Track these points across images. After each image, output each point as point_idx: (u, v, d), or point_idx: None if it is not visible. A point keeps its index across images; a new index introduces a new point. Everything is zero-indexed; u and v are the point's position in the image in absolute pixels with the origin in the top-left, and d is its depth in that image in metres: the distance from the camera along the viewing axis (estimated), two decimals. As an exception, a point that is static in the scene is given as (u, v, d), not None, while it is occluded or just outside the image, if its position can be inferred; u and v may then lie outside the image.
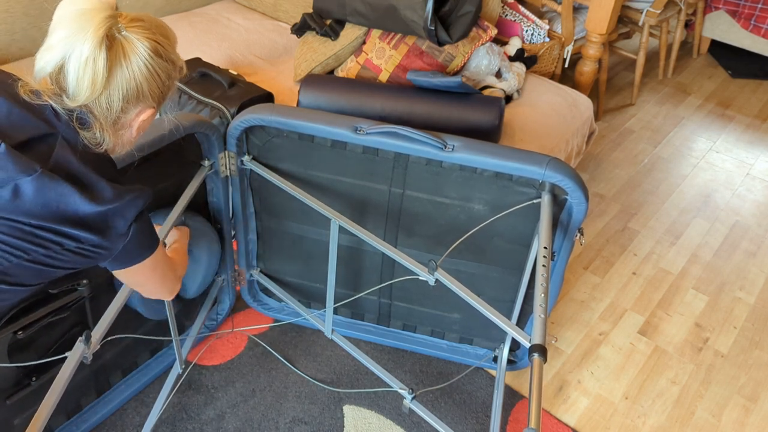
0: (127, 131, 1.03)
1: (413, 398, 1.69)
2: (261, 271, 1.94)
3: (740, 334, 2.10)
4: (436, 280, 1.44)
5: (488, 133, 2.01)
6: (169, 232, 1.49)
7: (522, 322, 1.79)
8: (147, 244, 1.09)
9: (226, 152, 1.64)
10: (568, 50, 2.80)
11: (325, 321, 1.80)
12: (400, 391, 1.70)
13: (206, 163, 1.63)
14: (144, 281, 1.16)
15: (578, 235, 1.55)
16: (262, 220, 1.82)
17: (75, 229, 0.94)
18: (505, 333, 1.83)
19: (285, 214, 1.78)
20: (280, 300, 2.00)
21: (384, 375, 1.73)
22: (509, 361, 1.87)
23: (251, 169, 1.70)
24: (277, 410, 1.76)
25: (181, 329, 1.84)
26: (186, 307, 1.83)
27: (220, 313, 1.94)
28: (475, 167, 1.53)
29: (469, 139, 1.52)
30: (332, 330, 1.79)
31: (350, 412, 1.77)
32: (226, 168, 1.67)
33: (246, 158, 1.66)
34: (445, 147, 1.49)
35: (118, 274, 1.11)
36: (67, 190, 0.92)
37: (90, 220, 0.95)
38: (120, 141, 1.05)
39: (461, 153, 1.49)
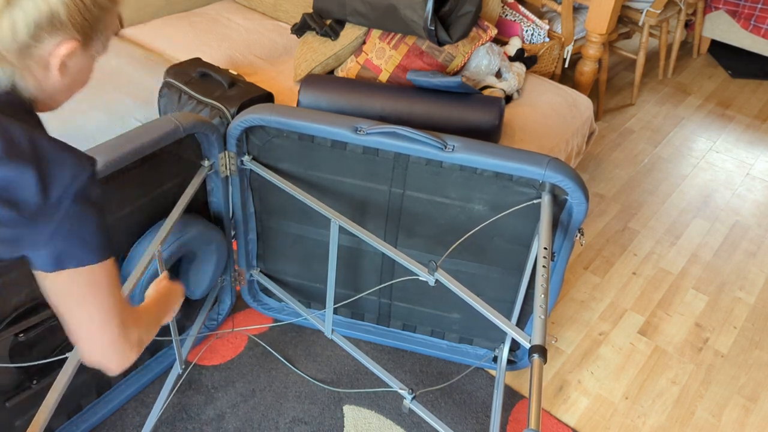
0: (50, 73, 0.82)
1: (413, 398, 1.69)
2: (261, 271, 1.94)
3: (740, 334, 2.10)
4: (436, 281, 1.44)
5: (488, 133, 2.00)
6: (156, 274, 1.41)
7: (522, 323, 1.79)
8: (91, 241, 0.82)
9: (226, 152, 1.64)
10: (568, 50, 2.80)
11: (324, 321, 1.80)
12: (400, 391, 1.70)
13: (206, 163, 1.63)
14: (75, 306, 0.85)
15: (578, 235, 1.55)
16: (261, 220, 1.82)
17: None
18: (505, 333, 1.83)
19: (285, 214, 1.78)
20: (280, 300, 2.00)
21: (384, 375, 1.73)
22: (509, 361, 1.87)
23: (251, 169, 1.70)
24: (277, 410, 1.76)
25: (181, 329, 1.84)
26: (186, 307, 1.83)
27: (221, 313, 1.94)
28: (475, 167, 1.53)
29: (469, 140, 1.52)
30: (332, 330, 1.79)
31: (350, 412, 1.77)
32: (226, 168, 1.67)
33: (246, 158, 1.66)
34: (445, 147, 1.49)
35: (42, 278, 0.83)
36: None
37: None
38: (42, 87, 0.83)
39: (461, 153, 1.49)
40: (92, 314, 0.85)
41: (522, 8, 2.62)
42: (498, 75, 2.28)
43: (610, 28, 2.59)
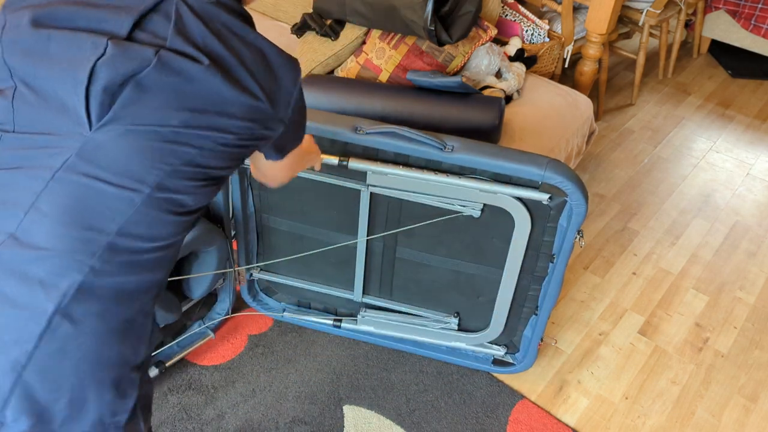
0: None
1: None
2: (261, 271, 1.94)
3: (740, 334, 2.10)
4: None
5: (488, 133, 2.00)
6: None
7: (516, 322, 1.79)
8: (301, 133, 1.03)
9: None
10: (568, 50, 2.80)
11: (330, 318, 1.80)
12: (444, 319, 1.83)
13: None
14: (290, 171, 1.14)
15: (578, 236, 1.55)
16: (261, 220, 1.82)
17: (223, 119, 0.84)
18: (508, 336, 1.83)
19: (285, 214, 1.78)
20: (280, 300, 2.00)
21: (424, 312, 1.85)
22: (507, 364, 1.87)
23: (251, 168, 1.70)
24: (277, 410, 1.76)
25: (181, 329, 1.84)
26: (186, 306, 1.83)
27: (220, 312, 1.94)
28: (474, 168, 1.53)
29: (468, 140, 1.52)
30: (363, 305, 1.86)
31: (350, 412, 1.77)
32: None
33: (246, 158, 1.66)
34: (445, 148, 1.49)
35: (272, 170, 1.09)
36: (200, 73, 0.82)
37: (239, 106, 0.85)
38: None
39: (460, 154, 1.49)
40: (285, 171, 1.13)
41: (522, 8, 2.62)
42: (498, 75, 2.28)
43: (610, 28, 2.59)
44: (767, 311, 2.19)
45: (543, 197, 1.50)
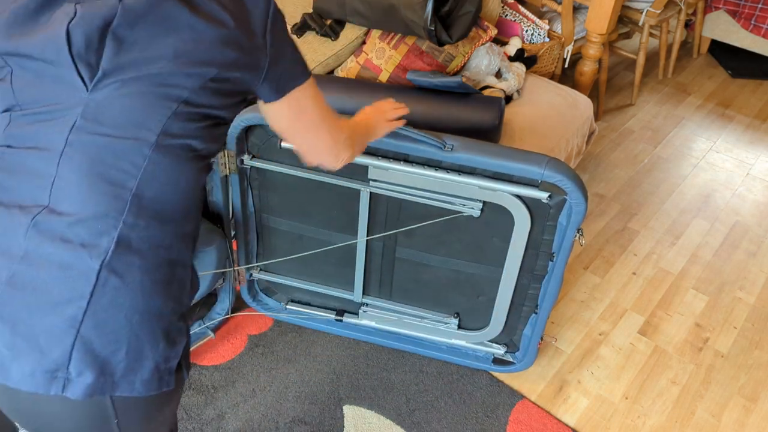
0: None
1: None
2: (261, 271, 1.94)
3: (740, 334, 2.10)
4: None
5: (488, 133, 2.00)
6: None
7: (516, 321, 1.79)
8: (297, 62, 1.00)
9: (226, 151, 1.64)
10: (568, 50, 2.80)
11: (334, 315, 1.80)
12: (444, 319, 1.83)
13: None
14: (309, 125, 1.06)
15: (577, 235, 1.55)
16: (261, 220, 1.82)
17: (201, 53, 0.87)
18: (508, 335, 1.83)
19: (284, 214, 1.78)
20: (279, 300, 2.00)
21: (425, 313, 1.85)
22: (507, 363, 1.87)
23: (251, 168, 1.70)
24: (277, 410, 1.76)
25: None
26: None
27: (220, 312, 1.94)
28: (474, 167, 1.53)
29: (468, 139, 1.52)
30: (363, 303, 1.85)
31: (350, 412, 1.77)
32: (225, 167, 1.67)
33: (246, 157, 1.66)
34: (444, 147, 1.49)
35: (270, 111, 1.03)
36: (167, 11, 0.85)
37: (213, 38, 0.88)
38: None
39: (460, 153, 1.49)
40: (323, 131, 1.08)
41: (522, 8, 2.62)
42: (498, 75, 2.28)
43: (610, 28, 2.59)
44: (767, 311, 2.19)
45: (542, 195, 1.50)
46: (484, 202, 1.59)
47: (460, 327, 1.86)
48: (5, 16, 0.86)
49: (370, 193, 1.65)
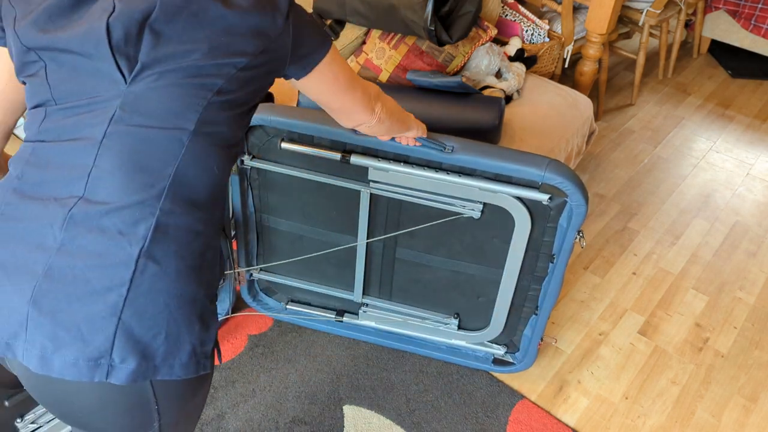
0: None
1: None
2: (261, 271, 1.94)
3: (740, 334, 2.10)
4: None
5: (488, 133, 2.00)
6: None
7: (516, 321, 1.79)
8: (316, 36, 1.04)
9: None
10: (568, 50, 2.80)
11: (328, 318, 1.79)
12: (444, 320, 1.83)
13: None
14: (343, 87, 1.12)
15: (578, 237, 1.55)
16: (261, 220, 1.82)
17: (234, 43, 0.91)
18: (508, 335, 1.83)
19: (284, 214, 1.78)
20: (280, 300, 2.00)
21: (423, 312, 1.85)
22: (507, 363, 1.87)
23: (250, 168, 1.70)
24: (277, 410, 1.76)
25: None
26: None
27: (220, 312, 1.94)
28: (474, 168, 1.53)
29: (468, 141, 1.52)
30: (363, 303, 1.85)
31: (350, 412, 1.77)
32: None
33: (246, 158, 1.66)
34: (445, 149, 1.49)
35: (303, 87, 1.09)
36: (200, 3, 0.90)
37: (243, 27, 0.92)
38: None
39: (461, 155, 1.49)
40: (345, 88, 1.12)
41: (522, 8, 2.62)
42: (498, 75, 2.28)
43: (610, 28, 2.59)
44: (767, 311, 2.19)
45: (543, 197, 1.50)
46: (485, 204, 1.58)
47: (460, 327, 1.86)
48: (36, 12, 0.89)
49: (371, 194, 1.65)
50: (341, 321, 1.93)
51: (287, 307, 1.97)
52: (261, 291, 2.00)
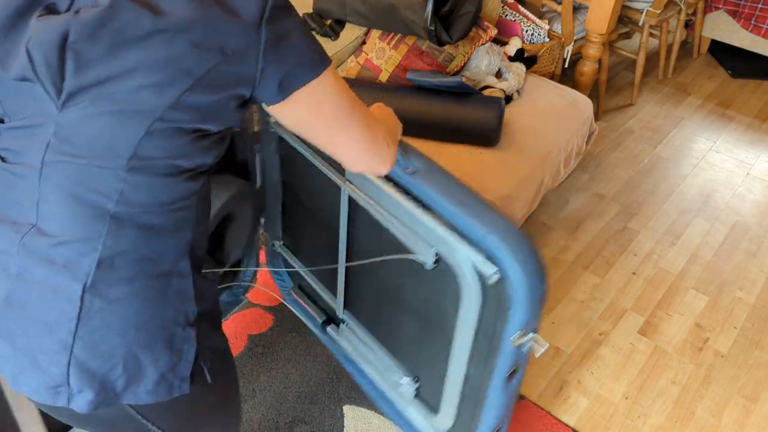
0: None
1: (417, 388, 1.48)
2: (283, 245, 1.86)
3: (740, 334, 2.10)
4: None
5: (488, 133, 2.01)
6: None
7: (469, 419, 1.34)
8: (303, 55, 0.82)
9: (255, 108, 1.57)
10: (568, 50, 2.80)
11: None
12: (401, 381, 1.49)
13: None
14: (331, 123, 0.88)
15: (527, 341, 1.08)
16: (286, 194, 1.74)
17: (163, 53, 0.74)
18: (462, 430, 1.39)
19: (301, 191, 1.66)
20: (292, 279, 1.94)
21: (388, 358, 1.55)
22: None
23: (277, 134, 1.60)
24: (277, 410, 1.76)
25: None
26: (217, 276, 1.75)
27: (245, 279, 1.91)
28: (430, 204, 1.20)
29: (436, 166, 1.19)
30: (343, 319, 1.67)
31: (350, 412, 1.77)
32: (253, 123, 1.60)
33: (271, 119, 1.57)
34: (407, 169, 1.19)
35: (281, 115, 0.86)
36: (112, 13, 0.74)
37: (170, 35, 0.75)
38: None
39: (420, 180, 1.18)
40: (334, 125, 0.89)
41: (522, 8, 2.62)
42: (498, 75, 2.29)
43: (610, 28, 2.59)
44: (767, 311, 2.19)
45: (487, 270, 1.09)
46: (438, 254, 1.21)
47: (418, 396, 1.48)
48: None
49: (349, 196, 1.41)
50: (325, 331, 1.77)
51: (292, 293, 1.93)
52: (281, 261, 1.90)
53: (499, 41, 2.47)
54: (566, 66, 2.88)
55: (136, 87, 0.75)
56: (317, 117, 0.87)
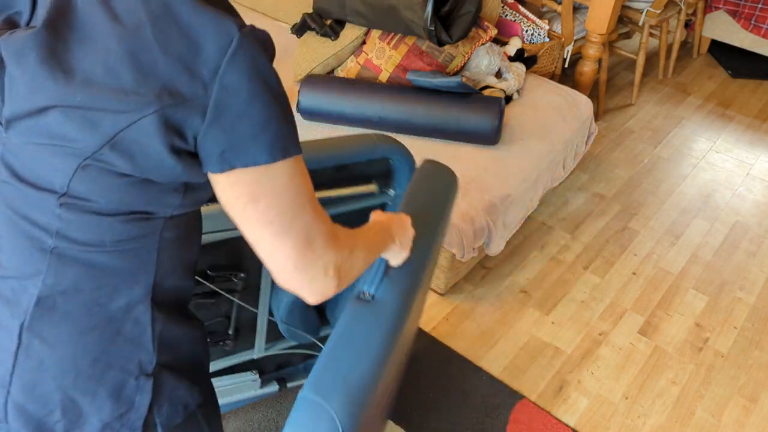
0: None
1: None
2: None
3: (740, 334, 2.10)
4: None
5: (488, 133, 2.01)
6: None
7: None
8: (259, 132, 0.68)
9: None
10: (568, 50, 2.81)
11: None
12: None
13: (391, 192, 1.46)
14: (263, 222, 0.72)
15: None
16: None
17: (87, 86, 0.65)
18: None
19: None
20: None
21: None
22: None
23: None
24: (277, 410, 1.76)
25: (316, 351, 1.72)
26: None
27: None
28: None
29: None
30: None
31: (350, 412, 1.77)
32: None
33: None
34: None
35: (216, 184, 0.72)
36: (37, 39, 0.65)
37: (98, 68, 0.65)
38: None
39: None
40: (267, 230, 0.72)
41: (522, 8, 2.62)
42: (498, 75, 2.29)
43: (610, 28, 2.59)
44: (767, 311, 2.19)
45: None
46: None
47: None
48: None
49: None
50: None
51: None
52: None
53: (499, 41, 2.47)
54: (566, 66, 2.88)
55: (59, 122, 0.66)
56: (250, 207, 0.71)
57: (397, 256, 1.02)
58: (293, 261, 0.74)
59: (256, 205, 0.71)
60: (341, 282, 0.80)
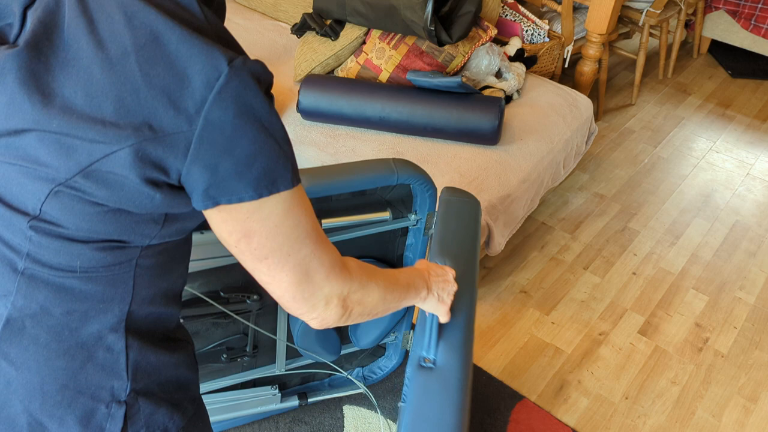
0: None
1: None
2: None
3: (740, 334, 2.10)
4: None
5: (488, 133, 2.01)
6: None
7: None
8: (245, 169, 0.66)
9: (436, 213, 1.49)
10: (568, 50, 2.81)
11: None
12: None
13: (412, 217, 1.47)
14: (258, 254, 0.72)
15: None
16: None
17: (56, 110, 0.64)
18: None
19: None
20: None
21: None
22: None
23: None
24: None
25: (339, 367, 1.74)
26: (350, 352, 1.73)
27: (383, 369, 1.82)
28: None
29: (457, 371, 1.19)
30: None
31: (350, 412, 1.77)
32: (431, 228, 1.52)
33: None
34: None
35: (217, 232, 0.72)
36: (10, 59, 0.64)
37: (69, 92, 0.63)
38: None
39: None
40: (262, 260, 0.72)
41: (522, 8, 2.62)
42: (498, 75, 2.29)
43: (610, 28, 2.59)
44: (767, 311, 2.19)
45: None
46: None
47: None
48: None
49: None
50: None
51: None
52: None
53: (499, 41, 2.47)
54: (566, 66, 2.88)
55: (32, 146, 0.65)
56: (243, 243, 0.71)
57: (434, 308, 1.00)
58: (290, 293, 0.74)
59: (249, 242, 0.70)
60: (348, 313, 0.80)
